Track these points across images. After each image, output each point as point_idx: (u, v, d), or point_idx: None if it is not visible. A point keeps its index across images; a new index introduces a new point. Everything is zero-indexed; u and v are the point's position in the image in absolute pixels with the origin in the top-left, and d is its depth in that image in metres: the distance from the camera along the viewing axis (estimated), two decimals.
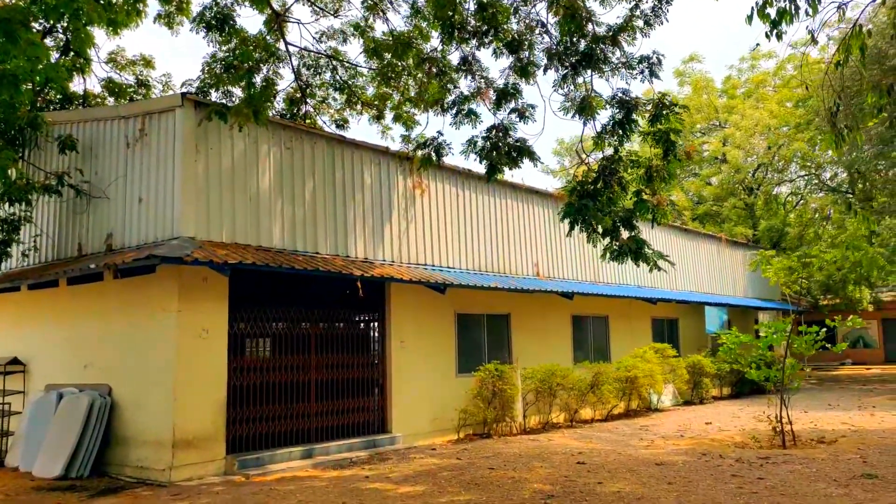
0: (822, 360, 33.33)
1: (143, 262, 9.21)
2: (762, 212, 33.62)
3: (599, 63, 8.93)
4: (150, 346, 9.99)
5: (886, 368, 32.40)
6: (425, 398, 13.07)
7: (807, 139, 30.28)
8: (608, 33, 8.90)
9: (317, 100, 14.38)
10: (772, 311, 26.43)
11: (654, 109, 8.61)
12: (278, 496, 8.31)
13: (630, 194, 9.25)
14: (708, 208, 34.63)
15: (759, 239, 31.31)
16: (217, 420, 9.99)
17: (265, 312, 11.04)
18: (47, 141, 12.56)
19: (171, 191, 10.22)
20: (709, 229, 30.11)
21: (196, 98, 10.63)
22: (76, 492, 8.96)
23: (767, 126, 32.12)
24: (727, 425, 14.21)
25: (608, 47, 8.91)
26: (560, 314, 16.70)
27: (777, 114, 32.50)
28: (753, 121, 32.26)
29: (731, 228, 31.79)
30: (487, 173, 9.68)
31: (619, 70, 9.03)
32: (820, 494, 7.65)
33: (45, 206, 12.53)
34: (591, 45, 8.85)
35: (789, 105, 33.81)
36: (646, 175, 8.86)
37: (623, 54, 9.01)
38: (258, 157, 11.11)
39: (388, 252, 12.93)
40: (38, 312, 12.27)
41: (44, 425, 10.53)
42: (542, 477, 9.07)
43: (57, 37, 14.62)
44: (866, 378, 26.97)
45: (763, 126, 32.07)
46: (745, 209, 33.81)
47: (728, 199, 33.62)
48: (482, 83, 9.99)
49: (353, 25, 12.48)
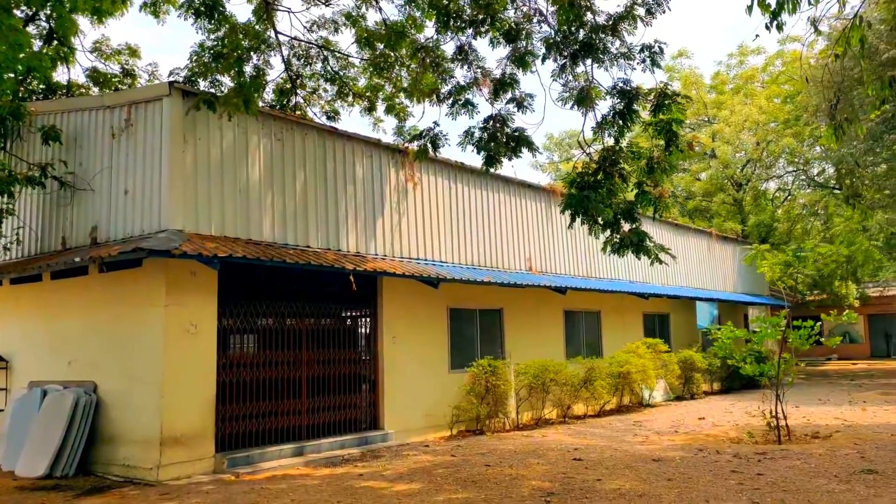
0: (809, 355, 33.53)
1: (129, 256, 8.96)
2: (751, 207, 33.72)
3: (599, 53, 8.76)
4: (136, 342, 9.74)
5: (872, 364, 32.63)
6: (418, 394, 12.90)
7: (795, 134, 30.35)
8: (608, 22, 8.73)
9: (307, 91, 14.13)
10: (761, 306, 26.50)
11: (657, 99, 8.46)
12: (270, 495, 8.10)
13: (631, 186, 9.10)
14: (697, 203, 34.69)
15: (748, 234, 31.38)
16: (206, 417, 9.76)
17: (255, 307, 10.81)
18: (30, 131, 12.24)
19: (159, 182, 9.96)
20: (698, 225, 30.13)
21: (184, 87, 10.36)
22: (61, 491, 8.70)
23: (756, 122, 32.17)
24: (720, 420, 14.16)
25: (608, 36, 8.74)
26: (552, 309, 16.58)
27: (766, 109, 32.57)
28: (742, 116, 32.31)
29: (720, 224, 31.86)
30: (485, 164, 9.49)
31: (619, 60, 8.86)
32: (822, 490, 7.55)
33: (27, 199, 12.21)
34: (591, 35, 8.68)
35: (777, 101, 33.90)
36: (647, 166, 8.71)
37: (623, 44, 8.84)
38: (248, 148, 10.86)
39: (380, 246, 12.73)
40: (21, 307, 11.97)
41: (27, 423, 10.25)
42: (539, 474, 8.93)
43: (40, 25, 14.26)
44: (853, 373, 27.11)
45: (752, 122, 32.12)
46: (734, 205, 33.89)
47: (717, 194, 33.67)
48: (479, 73, 9.79)
49: (345, 15, 12.24)
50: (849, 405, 16.20)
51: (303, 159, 11.64)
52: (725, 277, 25.29)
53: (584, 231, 17.11)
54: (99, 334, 10.33)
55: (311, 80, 13.88)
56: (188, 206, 9.93)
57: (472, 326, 14.48)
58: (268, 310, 11.08)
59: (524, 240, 16.11)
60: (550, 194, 17.14)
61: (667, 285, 21.09)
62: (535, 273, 16.16)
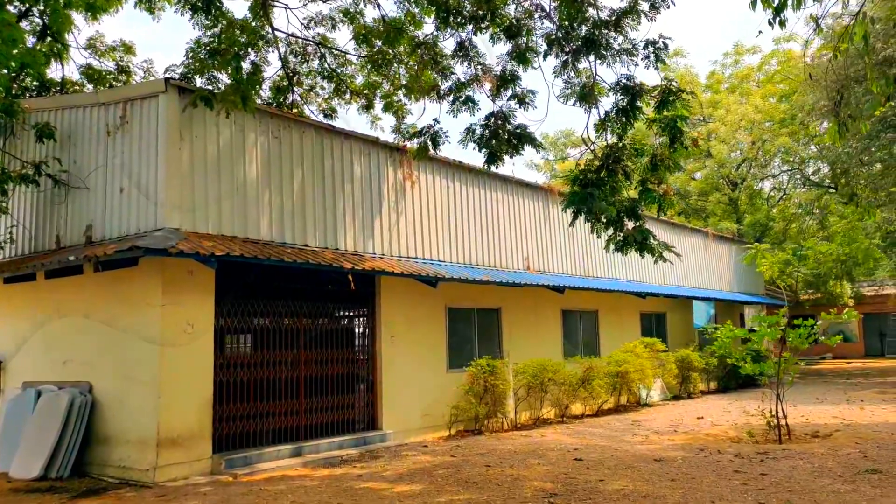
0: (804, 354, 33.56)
1: (125, 254, 8.82)
2: (746, 207, 33.75)
3: (602, 49, 8.67)
4: (132, 342, 9.61)
5: (867, 362, 32.70)
6: (416, 394, 12.80)
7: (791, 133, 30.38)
8: (611, 17, 8.64)
9: (304, 88, 14.00)
10: (757, 305, 26.50)
11: (661, 95, 8.37)
12: (269, 497, 7.99)
13: (635, 183, 9.01)
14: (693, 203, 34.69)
15: (743, 234, 31.41)
16: (203, 418, 9.64)
17: (252, 307, 10.70)
18: (24, 129, 12.08)
19: (154, 180, 9.82)
20: (694, 224, 30.13)
21: (181, 84, 10.23)
22: (56, 493, 8.57)
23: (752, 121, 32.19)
24: (719, 420, 14.11)
25: (611, 32, 8.64)
26: (550, 308, 16.51)
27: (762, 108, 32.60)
28: (738, 115, 32.32)
29: (716, 223, 31.87)
30: (487, 161, 9.39)
31: (621, 56, 8.77)
32: (827, 490, 7.49)
33: (21, 197, 12.06)
34: (593, 31, 8.59)
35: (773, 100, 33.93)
36: (651, 163, 8.62)
37: (626, 39, 8.75)
38: (245, 146, 10.74)
39: (378, 245, 12.63)
40: (15, 307, 11.81)
41: (21, 424, 10.11)
42: (541, 474, 8.84)
43: (33, 21, 14.08)
44: (849, 372, 27.15)
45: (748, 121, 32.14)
46: (730, 204, 33.91)
47: (712, 193, 33.67)
48: (479, 69, 9.69)
49: (343, 11, 12.12)
50: (846, 404, 16.18)
51: (300, 157, 11.53)
52: (722, 276, 25.28)
53: (582, 230, 17.16)
54: (94, 334, 10.19)
55: (308, 77, 13.75)
56: (185, 204, 9.80)
57: (470, 325, 14.39)
58: (265, 309, 10.96)
59: (522, 239, 16.04)
60: (548, 193, 17.07)
61: (664, 284, 21.06)
62: (533, 272, 16.09)
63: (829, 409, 15.17)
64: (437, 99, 9.89)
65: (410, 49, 10.81)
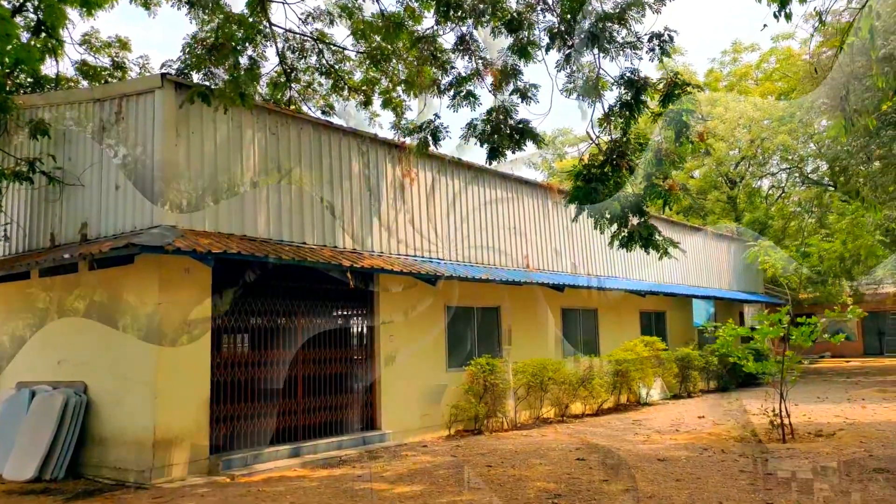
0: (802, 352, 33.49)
1: (120, 252, 8.68)
2: (745, 205, 33.66)
3: (605, 42, 8.54)
4: (128, 341, 9.46)
5: (866, 361, 32.63)
6: (415, 394, 12.67)
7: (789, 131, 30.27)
8: (615, 10, 8.51)
9: (302, 85, 13.84)
10: (756, 303, 26.41)
11: (666, 89, 8.25)
12: (267, 498, 7.86)
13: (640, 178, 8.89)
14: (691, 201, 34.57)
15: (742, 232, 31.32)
16: (200, 418, 9.50)
17: (250, 305, 10.56)
18: (18, 125, 11.90)
19: (151, 177, 9.67)
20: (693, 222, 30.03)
21: (177, 79, 10.08)
22: (51, 495, 8.43)
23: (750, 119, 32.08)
24: (720, 419, 14.00)
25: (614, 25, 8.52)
26: (550, 307, 16.39)
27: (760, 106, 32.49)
28: (737, 113, 32.21)
29: (714, 221, 31.77)
30: (489, 157, 9.25)
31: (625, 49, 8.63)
32: (837, 490, 7.38)
33: (15, 194, 11.89)
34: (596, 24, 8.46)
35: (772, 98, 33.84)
36: (656, 158, 8.50)
37: (630, 32, 8.62)
38: (242, 143, 10.59)
39: (376, 243, 12.49)
40: (9, 306, 11.65)
41: (15, 425, 9.96)
42: (543, 475, 8.72)
43: (27, 16, 13.90)
44: (848, 371, 27.07)
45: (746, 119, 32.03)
46: (728, 202, 33.82)
47: (711, 191, 33.57)
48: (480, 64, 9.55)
49: (341, 6, 11.97)
50: (848, 403, 16.08)
51: (298, 154, 11.39)
52: (721, 275, 25.19)
53: (582, 229, 17.06)
54: (89, 333, 10.04)
55: (306, 73, 13.58)
56: (181, 201, 9.65)
57: (470, 324, 14.27)
58: (263, 308, 10.82)
59: (521, 237, 15.92)
60: (548, 191, 16.95)
61: (663, 283, 20.96)
62: (533, 271, 15.97)
63: (830, 408, 15.07)
64: (437, 94, 9.75)
65: (410, 44, 10.66)
